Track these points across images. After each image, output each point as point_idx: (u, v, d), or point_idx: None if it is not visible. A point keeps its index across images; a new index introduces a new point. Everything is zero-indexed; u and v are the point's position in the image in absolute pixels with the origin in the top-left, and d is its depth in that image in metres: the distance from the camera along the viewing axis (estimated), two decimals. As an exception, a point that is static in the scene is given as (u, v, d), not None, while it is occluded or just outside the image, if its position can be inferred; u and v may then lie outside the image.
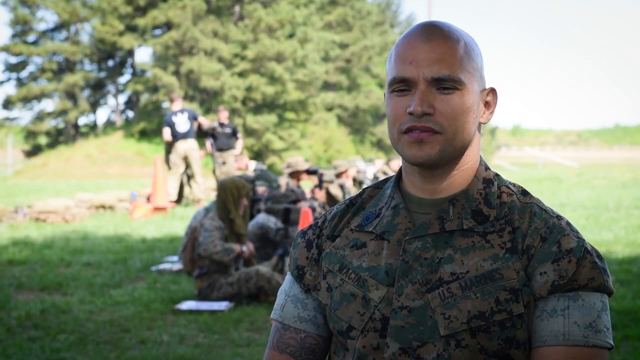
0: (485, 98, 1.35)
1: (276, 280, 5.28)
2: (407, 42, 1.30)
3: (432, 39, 1.28)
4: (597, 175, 24.23)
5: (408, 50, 1.29)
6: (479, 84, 1.32)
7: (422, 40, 1.28)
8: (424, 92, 1.26)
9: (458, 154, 1.31)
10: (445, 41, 1.28)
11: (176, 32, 28.37)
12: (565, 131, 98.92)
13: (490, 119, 1.36)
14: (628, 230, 9.29)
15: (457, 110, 1.27)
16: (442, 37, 1.29)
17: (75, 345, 4.26)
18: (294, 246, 1.46)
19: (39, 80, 32.25)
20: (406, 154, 1.29)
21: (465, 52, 1.29)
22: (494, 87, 1.36)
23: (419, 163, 1.29)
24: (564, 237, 1.27)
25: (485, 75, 1.36)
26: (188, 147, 11.88)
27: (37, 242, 8.14)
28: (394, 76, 1.29)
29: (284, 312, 1.41)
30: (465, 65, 1.28)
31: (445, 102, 1.27)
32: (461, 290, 1.25)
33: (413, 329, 1.25)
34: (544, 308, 1.25)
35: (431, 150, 1.27)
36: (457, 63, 1.27)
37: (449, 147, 1.28)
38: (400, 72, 1.28)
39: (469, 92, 1.29)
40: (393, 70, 1.30)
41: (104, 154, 27.35)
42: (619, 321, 4.61)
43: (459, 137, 1.28)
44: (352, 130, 35.26)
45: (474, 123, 1.31)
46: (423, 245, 1.29)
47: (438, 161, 1.28)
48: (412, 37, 1.30)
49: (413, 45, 1.29)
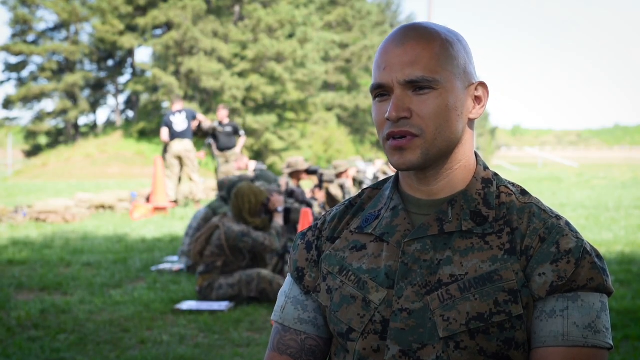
0: (474, 93, 1.33)
1: (277, 282, 5.24)
2: (383, 48, 1.31)
3: (405, 42, 1.28)
4: (597, 175, 24.23)
5: (383, 55, 1.30)
6: (463, 81, 1.31)
7: (395, 45, 1.29)
8: (399, 97, 1.27)
9: (445, 153, 1.30)
10: (419, 43, 1.28)
11: (176, 32, 28.38)
12: (565, 131, 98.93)
13: (482, 113, 1.35)
14: (628, 230, 9.29)
15: (436, 111, 1.27)
16: (415, 39, 1.29)
17: (75, 345, 4.26)
18: (293, 248, 1.46)
19: (39, 80, 32.26)
20: (391, 160, 1.30)
21: (442, 51, 1.29)
22: (483, 81, 1.35)
23: (403, 169, 1.30)
24: (563, 237, 1.27)
25: (474, 69, 1.34)
26: (183, 148, 11.82)
27: (37, 242, 8.14)
28: (372, 83, 1.31)
29: (284, 313, 1.42)
30: (443, 64, 1.28)
31: (422, 103, 1.27)
32: (460, 292, 1.25)
33: (413, 331, 1.26)
34: (543, 309, 1.25)
35: (412, 156, 1.27)
36: (433, 63, 1.27)
37: (432, 149, 1.28)
38: (377, 78, 1.30)
39: (448, 91, 1.28)
40: (373, 76, 1.32)
41: (104, 154, 27.35)
42: (619, 321, 4.61)
43: (440, 138, 1.28)
44: (352, 130, 35.26)
45: (459, 121, 1.30)
46: (422, 247, 1.29)
47: (422, 165, 1.29)
48: (388, 42, 1.31)
49: (387, 50, 1.30)
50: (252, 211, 5.44)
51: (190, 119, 11.87)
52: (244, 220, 5.42)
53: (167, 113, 12.10)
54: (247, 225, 5.42)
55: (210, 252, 5.36)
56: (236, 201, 5.44)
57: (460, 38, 1.34)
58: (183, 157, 11.86)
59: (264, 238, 5.34)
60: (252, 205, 5.43)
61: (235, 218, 5.44)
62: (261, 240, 5.32)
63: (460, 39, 1.34)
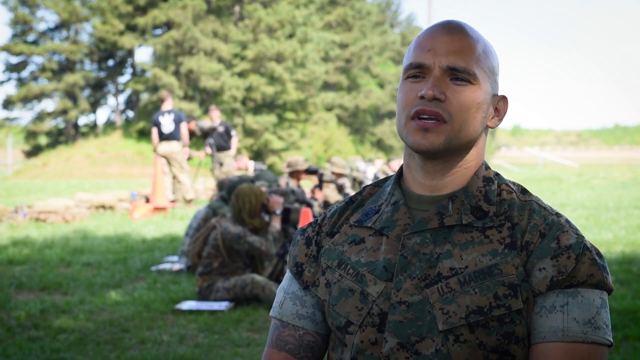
0: (496, 104, 1.37)
1: (270, 289, 5.24)
2: (429, 33, 1.33)
3: (453, 33, 1.31)
4: (597, 175, 24.22)
5: (428, 39, 1.32)
6: (492, 87, 1.34)
7: (443, 32, 1.32)
8: (438, 79, 1.29)
9: (462, 148, 1.32)
10: (466, 37, 1.32)
11: (176, 32, 28.39)
12: (565, 131, 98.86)
13: (498, 125, 1.38)
14: (628, 230, 9.29)
15: (468, 103, 1.29)
16: (463, 32, 1.32)
17: (75, 345, 4.26)
18: (293, 244, 1.46)
19: (39, 80, 32.26)
20: (410, 140, 1.30)
21: (483, 52, 1.33)
22: (505, 95, 1.39)
23: (422, 151, 1.29)
24: (563, 233, 1.27)
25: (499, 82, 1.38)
26: (169, 149, 11.80)
27: (37, 242, 8.14)
28: (410, 62, 1.32)
29: (283, 309, 1.42)
30: (482, 64, 1.31)
31: (457, 93, 1.29)
32: (460, 285, 1.25)
33: (411, 324, 1.26)
34: (543, 304, 1.25)
35: (436, 139, 1.28)
36: (474, 59, 1.30)
37: (454, 139, 1.29)
38: (418, 58, 1.31)
39: (481, 89, 1.31)
40: (410, 57, 1.33)
41: (104, 154, 27.35)
42: (619, 321, 4.61)
43: (464, 131, 1.29)
44: (352, 130, 35.25)
45: (482, 122, 1.33)
46: (422, 240, 1.30)
47: (441, 151, 1.29)
48: (434, 29, 1.34)
49: (434, 35, 1.32)
50: (252, 212, 5.44)
51: (177, 121, 11.80)
52: (243, 220, 5.41)
53: (156, 113, 12.07)
54: (245, 226, 5.41)
55: (207, 253, 5.37)
56: (236, 202, 5.43)
57: (494, 50, 1.38)
58: (169, 158, 11.84)
59: (260, 243, 5.33)
60: (252, 206, 5.43)
61: (235, 218, 5.44)
62: (257, 245, 5.32)
63: (494, 51, 1.38)
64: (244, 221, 5.41)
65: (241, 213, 5.41)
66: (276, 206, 5.60)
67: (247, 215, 5.42)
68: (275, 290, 5.16)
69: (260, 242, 5.33)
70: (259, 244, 5.32)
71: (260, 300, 5.28)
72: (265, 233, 5.48)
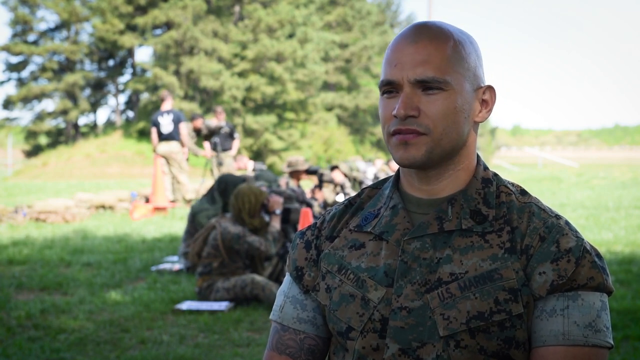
0: (481, 96, 1.33)
1: (270, 289, 5.24)
2: (395, 45, 1.31)
3: (419, 41, 1.28)
4: (597, 175, 24.21)
5: (394, 53, 1.30)
6: (472, 83, 1.31)
7: (408, 43, 1.29)
8: (408, 95, 1.27)
9: (449, 154, 1.30)
10: (432, 42, 1.28)
11: (176, 31, 28.39)
12: (565, 131, 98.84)
13: (488, 117, 1.35)
14: (628, 230, 9.29)
15: (444, 111, 1.27)
16: (429, 38, 1.28)
17: (75, 345, 4.26)
18: (292, 247, 1.46)
19: (39, 80, 32.26)
20: (394, 155, 1.30)
21: (454, 52, 1.29)
22: (491, 85, 1.35)
23: (406, 165, 1.29)
24: (563, 236, 1.27)
25: (483, 73, 1.34)
26: (169, 149, 11.80)
27: (37, 242, 8.14)
28: (382, 79, 1.31)
29: (283, 313, 1.41)
30: (454, 66, 1.28)
31: (431, 104, 1.26)
32: (460, 290, 1.25)
33: (412, 329, 1.25)
34: (544, 308, 1.25)
35: (417, 152, 1.27)
36: (444, 64, 1.27)
37: (437, 148, 1.28)
38: (387, 75, 1.30)
39: (457, 93, 1.28)
40: (382, 72, 1.32)
41: (104, 154, 27.35)
42: (619, 321, 4.61)
43: (446, 138, 1.28)
44: (352, 130, 35.26)
45: (466, 123, 1.30)
46: (422, 245, 1.29)
47: (425, 163, 1.28)
48: (400, 39, 1.31)
49: (399, 47, 1.30)
50: (251, 212, 5.44)
51: (177, 122, 11.80)
52: (242, 220, 5.42)
53: (155, 113, 12.07)
54: (245, 226, 5.42)
55: (207, 253, 5.37)
56: (236, 202, 5.44)
57: (472, 40, 1.34)
58: (168, 158, 11.84)
59: (260, 243, 5.33)
60: (252, 206, 5.43)
61: (235, 218, 5.44)
62: (256, 245, 5.32)
63: (472, 40, 1.34)
64: (243, 221, 5.42)
65: (241, 213, 5.42)
66: (276, 206, 5.60)
67: (246, 215, 5.42)
68: (275, 291, 5.17)
69: (260, 242, 5.34)
70: (259, 244, 5.33)
71: (260, 301, 5.28)
72: (265, 233, 5.49)
